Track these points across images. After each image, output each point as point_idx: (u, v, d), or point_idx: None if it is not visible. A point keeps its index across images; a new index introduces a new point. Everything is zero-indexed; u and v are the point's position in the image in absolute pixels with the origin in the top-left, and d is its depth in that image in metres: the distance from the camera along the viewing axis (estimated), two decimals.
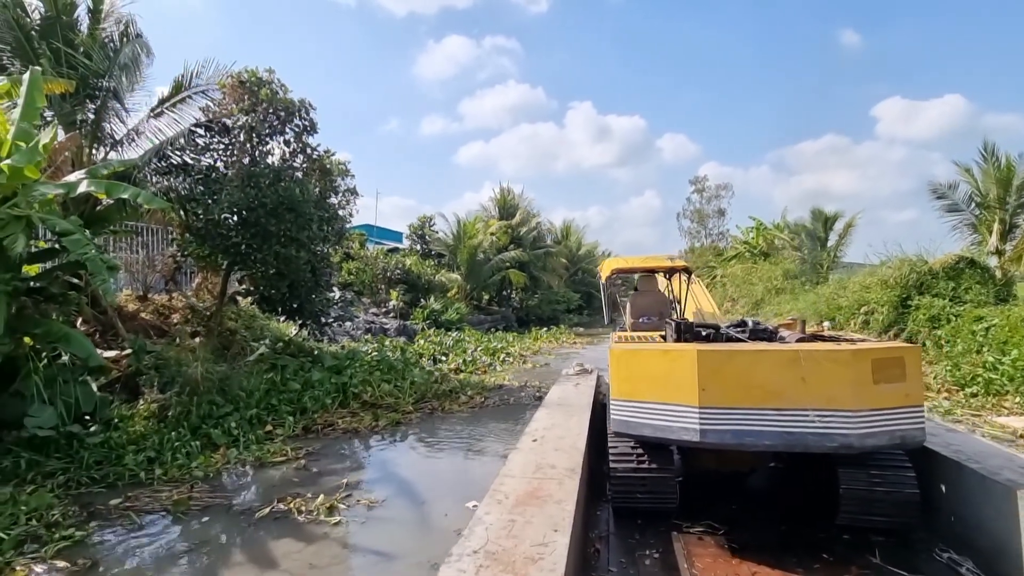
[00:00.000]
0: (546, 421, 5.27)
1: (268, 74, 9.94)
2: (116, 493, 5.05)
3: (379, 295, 21.18)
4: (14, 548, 3.81)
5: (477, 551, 2.58)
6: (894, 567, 3.62)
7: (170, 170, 9.35)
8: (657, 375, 3.93)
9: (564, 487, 3.48)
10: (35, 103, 5.66)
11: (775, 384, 3.60)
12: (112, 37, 8.78)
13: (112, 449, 5.71)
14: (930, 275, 12.23)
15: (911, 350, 3.78)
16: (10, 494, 4.47)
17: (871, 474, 3.82)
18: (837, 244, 23.02)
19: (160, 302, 10.38)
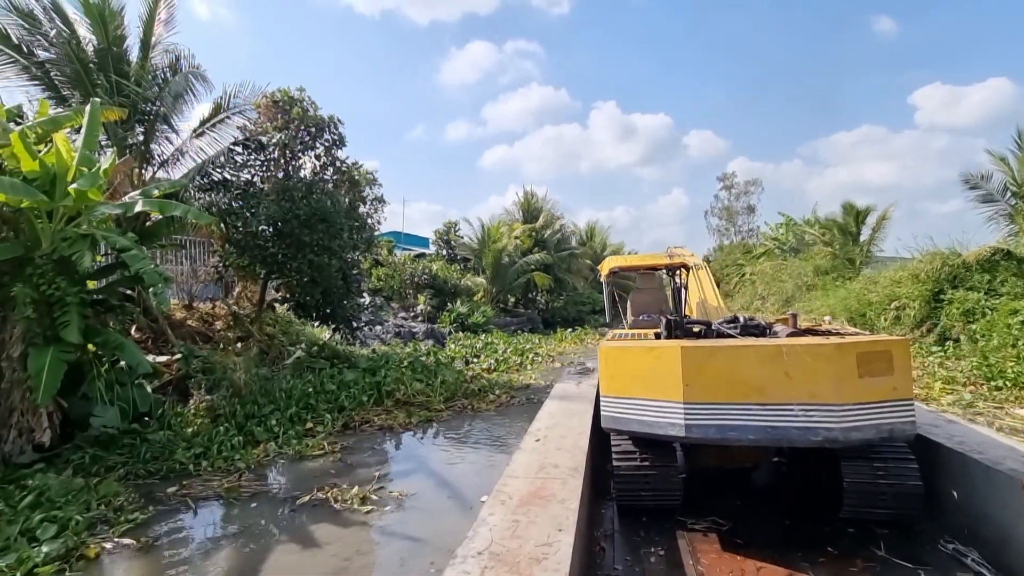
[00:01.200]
0: (548, 421, 5.25)
1: (299, 92, 10.53)
2: (171, 483, 5.58)
3: (407, 300, 21.77)
4: (87, 529, 4.35)
5: (482, 552, 2.59)
6: (899, 559, 3.63)
7: (211, 186, 10.01)
8: (643, 372, 3.99)
9: (567, 486, 3.47)
10: (95, 131, 6.27)
11: (758, 379, 3.63)
12: (160, 66, 9.47)
13: (166, 445, 6.27)
14: (964, 268, 11.92)
15: (899, 343, 3.76)
16: (83, 483, 5.06)
17: (874, 467, 3.81)
18: (870, 238, 22.43)
19: (204, 310, 11.06)
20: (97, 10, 8.81)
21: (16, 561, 3.70)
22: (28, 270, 5.51)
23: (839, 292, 16.47)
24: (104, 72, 8.56)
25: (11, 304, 5.55)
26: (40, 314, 5.53)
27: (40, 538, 4.06)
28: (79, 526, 4.29)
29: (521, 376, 12.53)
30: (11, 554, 3.77)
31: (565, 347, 19.39)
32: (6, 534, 4.01)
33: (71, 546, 4.02)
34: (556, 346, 19.34)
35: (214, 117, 10.22)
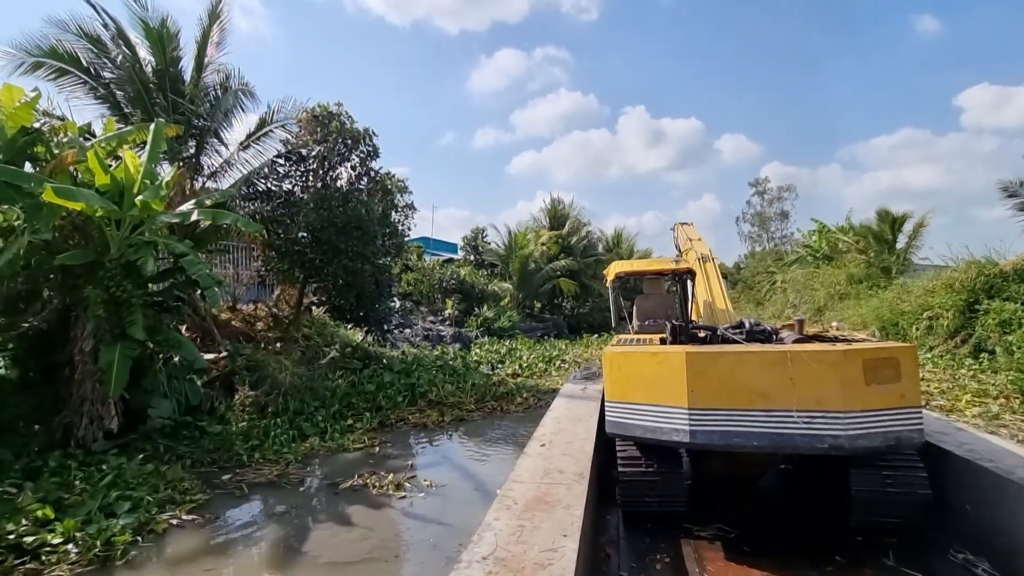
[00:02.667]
0: (553, 426, 5.22)
1: (337, 107, 11.13)
2: (226, 471, 6.14)
3: (435, 304, 22.29)
4: (158, 507, 4.90)
5: (486, 557, 2.58)
6: (909, 568, 3.55)
7: (256, 196, 10.67)
8: (648, 377, 3.94)
9: (572, 492, 3.44)
10: (158, 147, 6.90)
11: (763, 385, 3.57)
12: (212, 84, 10.19)
13: (225, 439, 6.87)
14: (1000, 277, 11.63)
15: (906, 350, 3.72)
16: (153, 468, 5.67)
17: (883, 475, 3.73)
18: (907, 246, 21.84)
19: (247, 311, 11.73)
20: (156, 33, 9.58)
21: (96, 531, 4.23)
22: (99, 273, 6.12)
23: (872, 301, 16.15)
24: (162, 91, 9.30)
25: (83, 304, 6.16)
26: (109, 313, 6.13)
27: (117, 513, 4.60)
28: (150, 505, 4.85)
29: (547, 381, 12.78)
30: (92, 525, 4.31)
31: (591, 353, 19.51)
32: (87, 508, 4.57)
33: (143, 521, 4.58)
34: (582, 352, 19.49)
35: (259, 131, 10.90)
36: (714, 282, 6.87)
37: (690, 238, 8.61)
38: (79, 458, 5.59)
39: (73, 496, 4.74)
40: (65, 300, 6.28)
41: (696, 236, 8.78)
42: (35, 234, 5.66)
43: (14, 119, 6.12)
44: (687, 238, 8.76)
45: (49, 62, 8.77)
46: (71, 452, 5.73)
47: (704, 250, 7.73)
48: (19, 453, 5.45)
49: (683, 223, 9.91)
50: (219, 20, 10.27)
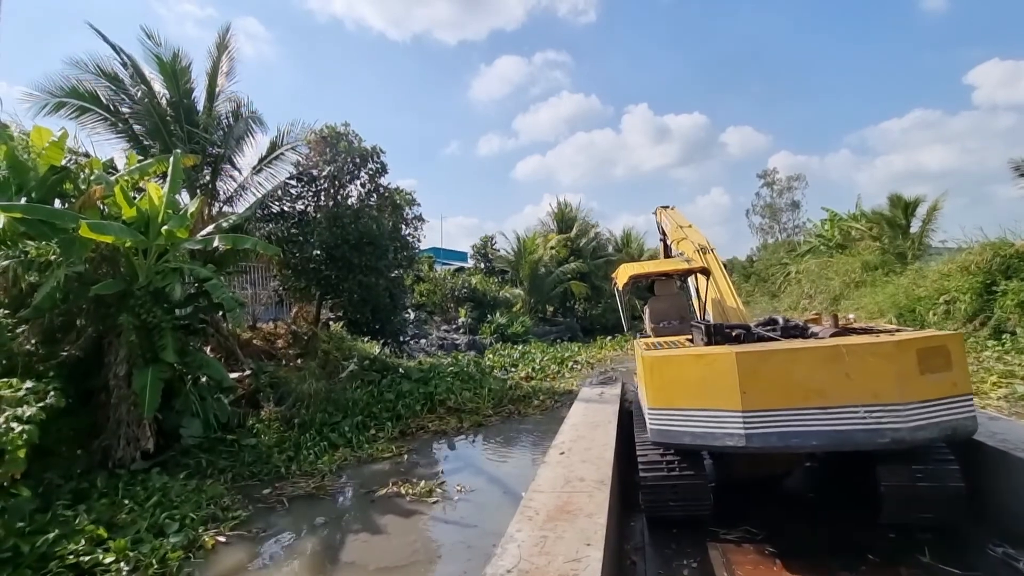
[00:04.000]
0: (572, 433, 5.14)
1: (344, 127, 11.46)
2: (265, 486, 6.39)
3: (449, 313, 22.54)
4: (202, 524, 5.13)
5: (510, 570, 2.54)
6: (946, 565, 3.46)
7: (271, 217, 11.02)
8: (694, 381, 3.78)
9: (594, 500, 3.39)
10: (178, 178, 7.23)
11: (818, 382, 3.47)
12: (224, 113, 10.58)
13: (262, 452, 7.14)
14: (1017, 258, 11.51)
15: (954, 337, 3.67)
16: (196, 485, 5.94)
17: (912, 469, 3.64)
18: (921, 230, 21.60)
19: (267, 330, 12.05)
20: (170, 67, 9.98)
21: (149, 550, 4.47)
22: (130, 301, 6.42)
23: (887, 288, 16.03)
24: (178, 123, 9.68)
25: (116, 331, 6.47)
26: (140, 339, 6.42)
27: (166, 532, 4.85)
28: (195, 522, 5.09)
29: (562, 383, 12.91)
30: (146, 544, 4.55)
31: (605, 354, 19.58)
32: (136, 527, 4.81)
33: (191, 538, 4.82)
34: (596, 353, 19.56)
35: (270, 155, 11.26)
36: (720, 278, 6.60)
37: (680, 225, 8.24)
38: (124, 478, 5.85)
39: (122, 516, 4.99)
40: (99, 328, 6.59)
41: (685, 222, 8.38)
42: (70, 267, 5.98)
43: (45, 159, 6.48)
44: (676, 225, 8.38)
45: (71, 101, 9.18)
46: (116, 473, 6.00)
47: (701, 240, 7.44)
48: (66, 476, 5.73)
49: (665, 206, 9.50)
50: (227, 51, 10.67)
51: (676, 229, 8.17)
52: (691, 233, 7.76)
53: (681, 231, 7.96)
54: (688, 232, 7.82)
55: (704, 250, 7.01)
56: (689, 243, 7.41)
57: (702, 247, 7.10)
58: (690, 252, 7.24)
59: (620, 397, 6.82)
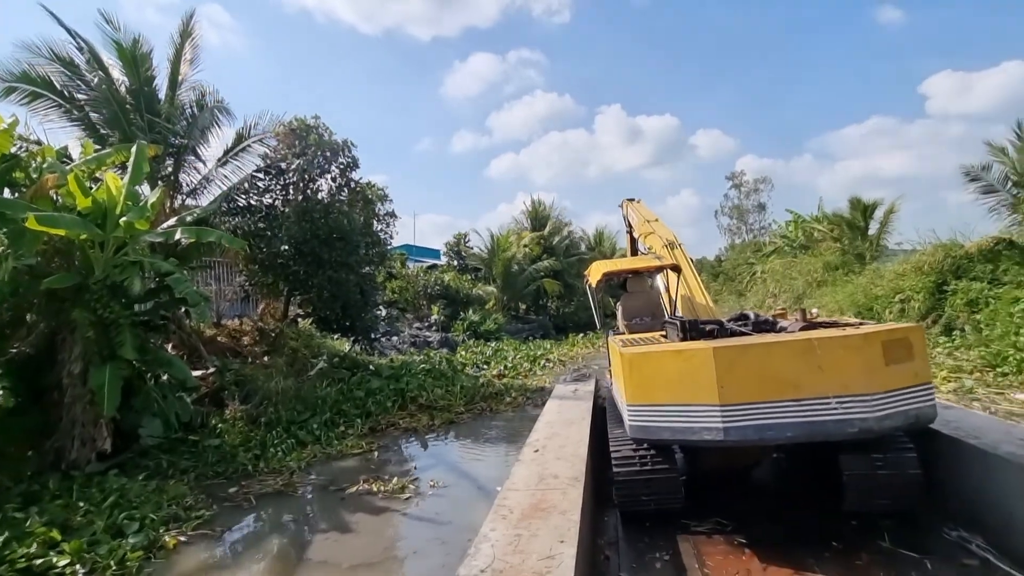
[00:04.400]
0: (546, 431, 5.14)
1: (314, 120, 11.22)
2: (231, 484, 6.22)
3: (421, 310, 22.36)
4: (163, 525, 4.96)
5: (484, 570, 2.53)
6: (904, 549, 3.60)
7: (237, 211, 10.71)
8: (673, 376, 3.80)
9: (568, 497, 3.41)
10: (141, 168, 6.94)
11: (792, 375, 3.54)
12: (188, 102, 10.22)
13: (226, 451, 6.94)
14: (967, 258, 12.10)
15: (915, 329, 3.80)
16: (156, 485, 5.73)
17: (872, 458, 3.74)
18: (879, 232, 22.51)
19: (232, 327, 11.72)
20: (129, 54, 9.58)
21: (107, 551, 4.31)
22: (86, 296, 6.15)
23: (847, 287, 16.64)
24: (138, 111, 9.31)
25: (70, 327, 6.18)
26: (97, 335, 6.17)
27: (125, 532, 4.68)
28: (155, 523, 4.92)
29: (534, 380, 12.98)
30: (103, 546, 4.38)
31: (577, 351, 19.77)
32: (93, 529, 4.63)
33: (152, 539, 4.66)
34: (568, 351, 19.73)
35: (237, 147, 10.94)
36: (689, 274, 6.62)
37: (647, 219, 8.16)
38: (78, 480, 5.61)
39: (78, 518, 4.79)
40: (51, 324, 6.30)
41: (652, 216, 8.33)
42: (19, 260, 5.69)
43: None
44: (643, 219, 8.28)
45: (22, 86, 8.73)
46: (70, 475, 5.75)
47: (669, 234, 7.41)
48: (16, 478, 5.46)
49: (631, 199, 9.39)
50: (191, 38, 10.31)
51: (643, 223, 8.13)
52: (658, 227, 7.74)
53: (648, 225, 7.94)
54: (655, 226, 7.81)
55: (672, 245, 7.03)
56: (657, 238, 7.40)
57: (670, 242, 7.11)
58: (658, 247, 7.25)
59: (594, 394, 6.87)
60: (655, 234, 7.52)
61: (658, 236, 7.37)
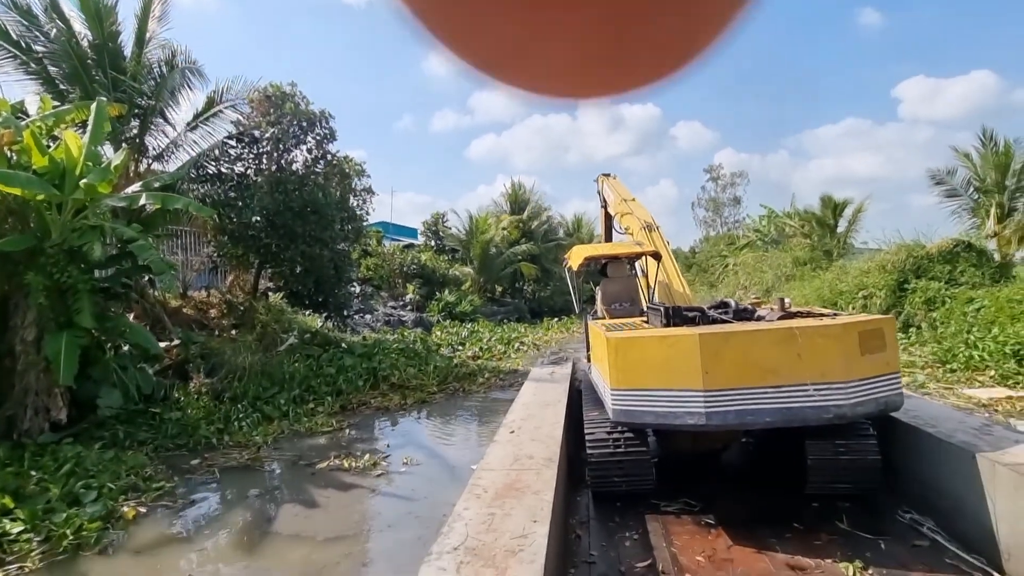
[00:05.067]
0: (522, 412, 5.18)
1: (291, 87, 10.83)
2: (194, 457, 6.09)
3: (396, 289, 22.12)
4: (122, 494, 4.84)
5: (457, 548, 2.57)
6: (861, 531, 3.78)
7: (206, 178, 10.31)
8: (657, 362, 3.84)
9: (542, 477, 3.46)
10: (102, 128, 6.58)
11: (773, 362, 3.62)
12: (156, 61, 9.71)
13: (187, 423, 6.77)
14: (927, 259, 12.57)
15: (888, 321, 3.97)
16: (114, 455, 5.57)
17: (836, 444, 3.88)
18: (847, 230, 23.18)
19: (199, 298, 11.38)
20: (92, 5, 9.03)
21: (63, 520, 4.18)
22: (40, 260, 5.85)
23: (814, 282, 17.13)
24: (101, 68, 8.81)
25: (24, 291, 5.90)
26: (52, 301, 5.89)
27: (83, 501, 4.55)
28: (113, 492, 4.80)
29: (507, 363, 13.04)
30: (59, 514, 4.25)
31: (551, 336, 19.93)
32: (47, 497, 4.48)
33: (110, 508, 4.54)
34: (543, 335, 19.86)
35: (207, 111, 10.49)
36: (667, 260, 6.61)
37: (624, 198, 8.08)
38: (30, 448, 5.42)
39: (31, 486, 4.63)
40: (3, 287, 5.99)
41: (628, 195, 8.24)
42: None
43: None
44: (619, 197, 8.18)
45: None
46: (22, 443, 5.55)
47: (646, 216, 7.35)
48: None
49: (607, 174, 9.30)
50: None
51: (620, 202, 8.05)
52: (636, 208, 7.68)
53: (625, 204, 7.86)
54: (633, 207, 7.75)
55: (650, 227, 7.01)
56: (634, 219, 7.34)
57: (648, 224, 7.09)
58: (635, 229, 7.22)
59: (571, 377, 6.95)
60: (632, 215, 7.47)
61: (636, 217, 7.34)
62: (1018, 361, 7.96)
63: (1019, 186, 13.69)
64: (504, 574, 2.34)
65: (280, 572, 3.80)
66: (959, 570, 3.33)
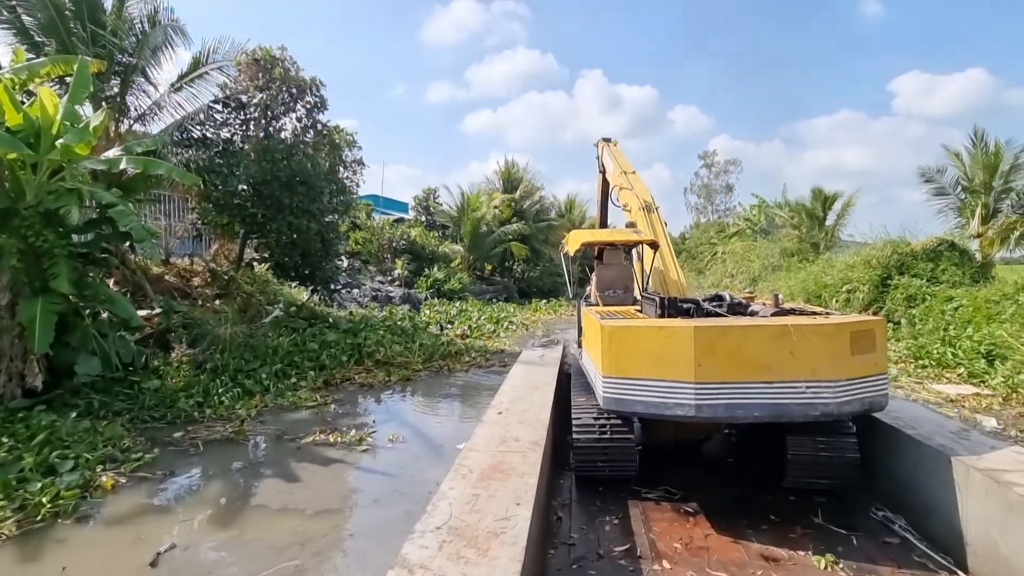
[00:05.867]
0: (511, 394, 5.21)
1: (281, 52, 10.45)
2: (175, 429, 6.01)
3: (385, 264, 21.93)
4: (99, 465, 4.77)
5: (440, 527, 2.60)
6: (834, 526, 3.88)
7: (191, 143, 9.98)
8: (651, 352, 3.86)
9: (528, 460, 3.48)
10: (83, 87, 6.30)
11: (766, 357, 3.66)
12: (139, 16, 9.28)
13: (165, 394, 6.68)
14: (911, 256, 12.74)
15: (879, 322, 4.01)
16: (90, 424, 5.46)
17: (816, 440, 3.97)
18: (835, 224, 23.37)
19: (182, 266, 11.16)
20: None
21: (39, 489, 4.11)
22: (15, 222, 5.64)
23: (800, 274, 17.30)
24: (79, 20, 8.39)
25: None
26: (27, 265, 5.71)
27: (59, 471, 4.47)
28: (90, 462, 4.72)
29: (495, 342, 13.06)
30: (33, 483, 4.18)
31: (540, 317, 19.98)
32: (21, 466, 4.41)
33: (87, 478, 4.47)
34: (531, 316, 19.91)
35: (192, 72, 10.09)
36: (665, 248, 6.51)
37: (624, 170, 7.84)
38: (1, 414, 5.32)
39: (2, 453, 4.56)
40: None
41: (629, 167, 7.97)
42: None
43: None
44: (619, 168, 7.93)
45: None
46: None
47: (646, 195, 7.14)
48: None
49: (608, 139, 8.94)
50: None
51: (619, 174, 7.85)
52: (636, 183, 7.52)
53: (624, 177, 7.70)
54: (633, 181, 7.59)
55: (649, 208, 6.87)
56: (633, 197, 7.17)
57: (647, 204, 6.94)
58: (634, 208, 7.07)
59: (560, 360, 6.95)
60: (632, 191, 7.30)
61: (635, 195, 7.18)
62: (989, 361, 8.15)
63: (1006, 187, 13.89)
64: (486, 555, 2.36)
65: (271, 542, 3.81)
66: (926, 567, 3.42)
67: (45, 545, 3.73)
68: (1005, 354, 7.99)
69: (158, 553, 3.59)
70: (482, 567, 2.26)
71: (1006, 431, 5.70)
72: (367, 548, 3.80)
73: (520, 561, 2.32)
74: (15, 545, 3.70)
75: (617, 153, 8.56)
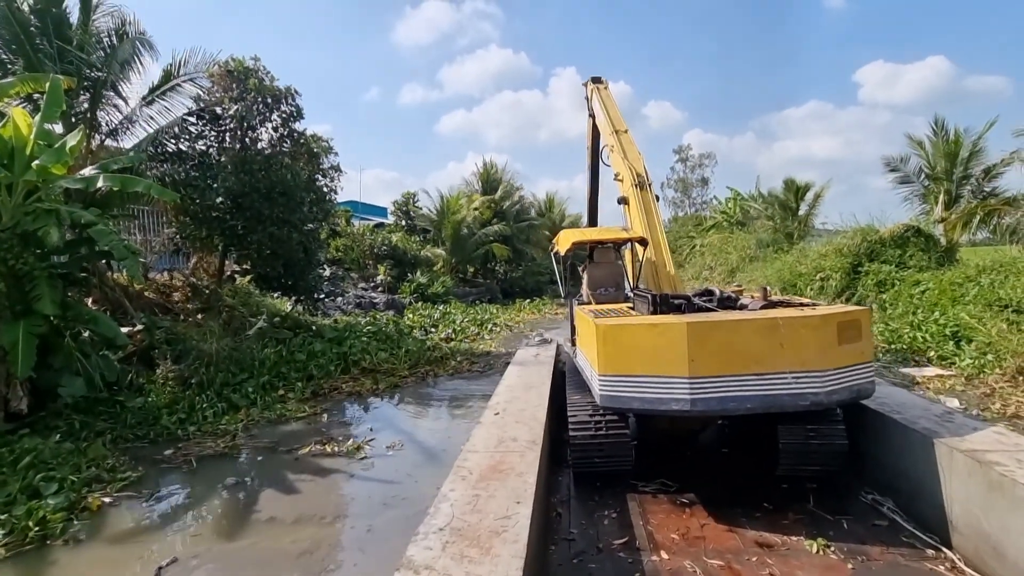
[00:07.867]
0: (507, 394, 5.28)
1: (254, 62, 10.35)
2: (160, 448, 5.95)
3: (367, 270, 21.79)
4: (85, 486, 4.73)
5: (443, 528, 2.65)
6: (825, 511, 4.04)
7: (166, 157, 9.82)
8: (645, 348, 3.92)
9: (526, 459, 3.54)
10: (56, 106, 6.18)
11: (756, 350, 3.74)
12: (106, 29, 9.11)
13: (149, 412, 6.60)
14: (880, 243, 13.19)
15: (864, 312, 4.13)
16: (73, 446, 5.40)
17: (807, 429, 4.09)
18: (808, 213, 23.99)
19: (161, 281, 10.97)
20: None
21: (25, 512, 4.08)
22: None
23: (776, 264, 17.73)
24: (45, 36, 8.21)
25: None
26: (8, 288, 5.60)
27: (44, 493, 4.43)
28: (76, 484, 4.68)
29: (480, 345, 13.11)
30: (20, 507, 4.14)
31: (524, 317, 20.08)
32: (7, 491, 4.36)
33: (73, 500, 4.43)
34: (515, 316, 19.99)
35: (164, 85, 9.94)
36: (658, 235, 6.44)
37: (616, 128, 7.49)
38: None
39: None
40: None
41: (622, 124, 7.62)
42: None
43: None
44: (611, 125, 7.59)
45: None
46: None
47: (639, 167, 6.87)
48: None
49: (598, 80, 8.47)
50: None
51: (611, 133, 7.55)
52: (628, 148, 7.23)
53: (615, 137, 7.41)
54: (625, 144, 7.29)
55: (641, 184, 6.71)
56: (625, 168, 6.95)
57: (639, 178, 6.75)
58: (627, 181, 6.85)
59: (554, 359, 7.02)
60: (625, 160, 7.05)
61: (627, 167, 6.96)
62: (956, 343, 8.48)
63: (966, 174, 14.47)
64: (488, 553, 2.44)
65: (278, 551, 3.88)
66: (913, 547, 3.60)
67: (39, 567, 3.73)
68: (970, 336, 8.33)
69: (160, 567, 3.61)
70: (485, 565, 2.34)
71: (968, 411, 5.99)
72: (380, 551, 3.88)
73: (522, 558, 2.41)
74: (8, 568, 3.69)
75: (608, 101, 8.20)
